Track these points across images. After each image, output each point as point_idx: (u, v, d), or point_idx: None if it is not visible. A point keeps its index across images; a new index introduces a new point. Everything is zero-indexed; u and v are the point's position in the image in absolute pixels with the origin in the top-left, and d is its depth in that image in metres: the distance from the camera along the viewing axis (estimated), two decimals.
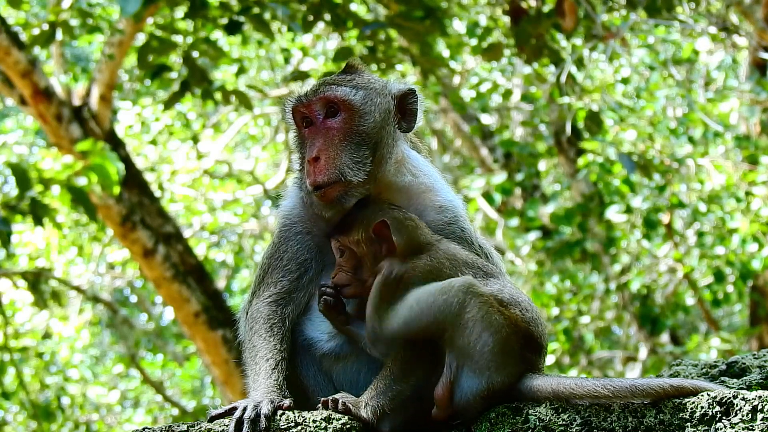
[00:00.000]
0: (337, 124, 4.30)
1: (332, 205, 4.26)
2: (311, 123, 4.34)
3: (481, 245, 4.43)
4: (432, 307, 3.97)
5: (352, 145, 4.28)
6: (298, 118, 4.36)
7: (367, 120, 4.32)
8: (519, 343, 4.00)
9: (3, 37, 11.68)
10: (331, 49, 15.97)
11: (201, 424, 4.01)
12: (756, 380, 4.37)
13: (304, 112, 4.33)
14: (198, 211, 19.28)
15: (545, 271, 15.18)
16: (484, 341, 3.94)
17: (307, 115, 4.33)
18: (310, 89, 4.36)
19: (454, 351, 3.96)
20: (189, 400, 21.26)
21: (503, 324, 3.97)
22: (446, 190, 4.49)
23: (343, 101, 4.30)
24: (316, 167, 4.24)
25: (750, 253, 13.36)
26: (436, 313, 3.96)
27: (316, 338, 4.29)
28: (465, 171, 19.09)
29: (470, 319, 3.95)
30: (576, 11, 10.50)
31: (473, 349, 3.94)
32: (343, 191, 4.25)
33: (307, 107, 4.33)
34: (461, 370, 3.96)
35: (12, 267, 16.23)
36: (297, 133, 4.40)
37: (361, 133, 4.31)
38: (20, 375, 16.20)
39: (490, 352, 3.94)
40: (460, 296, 3.97)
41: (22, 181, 9.65)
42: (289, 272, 4.35)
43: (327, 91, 4.32)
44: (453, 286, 3.99)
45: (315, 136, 4.30)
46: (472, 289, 3.99)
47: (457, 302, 3.96)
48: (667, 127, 13.95)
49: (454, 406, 3.98)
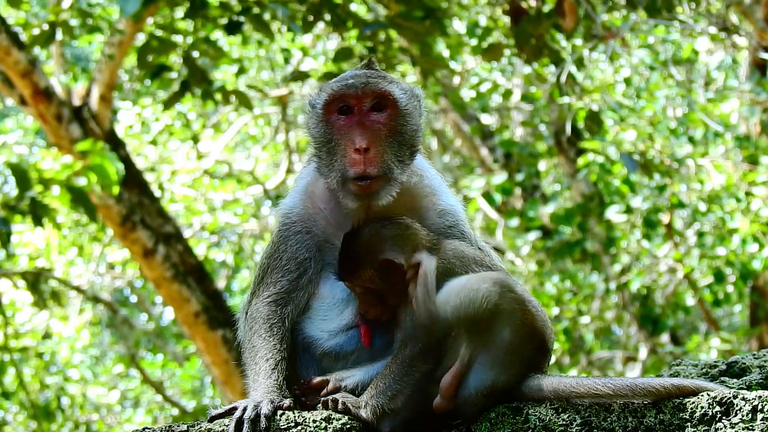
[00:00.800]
0: (383, 119, 4.29)
1: (369, 198, 4.24)
2: (350, 112, 4.29)
3: (481, 248, 4.43)
4: (476, 295, 3.96)
5: (395, 143, 4.29)
6: (335, 104, 4.30)
7: (409, 121, 4.34)
8: (533, 345, 4.00)
9: (3, 37, 11.67)
10: (331, 49, 15.97)
11: (201, 424, 4.01)
12: (756, 380, 4.37)
13: (350, 101, 4.29)
14: (198, 211, 19.28)
15: (545, 271, 15.18)
16: (503, 338, 3.95)
17: (352, 104, 4.29)
18: (359, 80, 4.31)
19: (473, 342, 3.96)
20: (189, 400, 21.25)
21: (525, 323, 3.98)
22: (448, 194, 4.50)
23: (393, 98, 4.30)
24: (367, 158, 4.22)
25: (750, 254, 13.36)
26: (480, 302, 3.96)
27: (316, 337, 4.29)
28: (465, 171, 19.09)
29: (500, 313, 3.96)
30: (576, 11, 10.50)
31: (491, 343, 3.95)
32: (384, 186, 4.24)
33: (357, 97, 4.28)
34: (473, 364, 3.97)
35: (12, 267, 16.23)
36: (326, 120, 4.32)
37: (404, 133, 4.31)
38: (20, 375, 16.20)
39: (504, 350, 3.95)
40: (498, 288, 3.98)
41: (22, 181, 9.65)
42: (288, 272, 4.34)
43: (380, 85, 4.30)
44: (491, 278, 4.01)
45: (358, 127, 4.26)
46: (507, 284, 4.01)
47: (496, 293, 3.96)
48: (667, 127, 13.95)
49: (457, 398, 3.98)
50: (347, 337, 4.26)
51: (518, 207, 16.25)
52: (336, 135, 4.30)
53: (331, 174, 4.28)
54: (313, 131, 4.36)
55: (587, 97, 13.75)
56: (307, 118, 4.42)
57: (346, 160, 4.24)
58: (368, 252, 4.17)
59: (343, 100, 4.29)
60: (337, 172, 4.26)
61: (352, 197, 4.25)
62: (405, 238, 4.19)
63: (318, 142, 4.35)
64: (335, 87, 4.32)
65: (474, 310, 3.96)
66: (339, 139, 4.29)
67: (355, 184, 4.22)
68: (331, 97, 4.31)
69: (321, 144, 4.33)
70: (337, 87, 4.32)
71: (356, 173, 4.21)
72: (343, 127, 4.29)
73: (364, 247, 4.18)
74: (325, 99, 4.32)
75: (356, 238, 4.21)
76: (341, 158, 4.26)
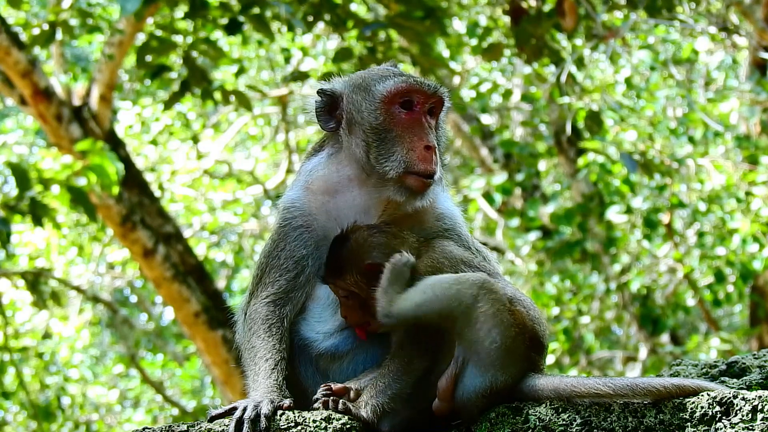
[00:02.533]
0: (434, 124, 4.35)
1: (420, 195, 4.28)
2: (410, 109, 4.32)
3: (478, 250, 4.45)
4: (446, 294, 3.96)
5: (439, 150, 4.36)
6: (400, 97, 4.31)
7: (444, 130, 4.46)
8: (525, 344, 4.00)
9: (3, 37, 11.68)
10: (331, 49, 15.96)
11: (201, 424, 4.01)
12: (756, 380, 4.37)
13: (417, 98, 4.31)
14: (198, 211, 19.28)
15: (545, 271, 15.18)
16: (493, 338, 3.95)
17: (416, 101, 4.31)
18: (427, 81, 4.35)
19: (463, 344, 3.96)
20: (189, 400, 21.25)
21: (512, 323, 3.98)
22: (446, 198, 4.52)
23: (445, 107, 4.40)
24: (435, 157, 4.28)
25: (750, 254, 13.36)
26: (450, 301, 3.95)
27: (312, 338, 4.29)
28: (465, 171, 19.09)
29: (482, 314, 3.95)
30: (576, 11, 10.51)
31: (481, 345, 3.94)
32: (432, 188, 4.32)
33: (426, 96, 4.32)
34: (467, 365, 3.96)
35: (12, 267, 16.24)
36: (386, 109, 4.31)
37: (442, 141, 4.42)
38: (20, 375, 16.20)
39: (497, 350, 3.94)
40: (474, 289, 3.97)
41: (22, 181, 9.65)
42: (286, 271, 4.34)
43: (443, 91, 4.37)
44: (468, 279, 4.00)
45: (422, 126, 4.31)
46: (487, 284, 4.00)
47: (471, 294, 3.96)
48: (667, 127, 13.95)
49: (456, 400, 3.98)
50: (342, 337, 4.26)
51: (518, 207, 16.25)
52: (398, 127, 4.31)
53: (387, 164, 4.28)
54: (368, 116, 4.34)
55: (587, 97, 13.75)
56: (354, 100, 4.37)
57: (415, 155, 4.27)
58: (354, 256, 4.17)
59: (410, 95, 4.32)
60: (400, 163, 4.26)
61: (404, 190, 4.27)
62: (392, 247, 4.19)
63: (372, 128, 4.33)
64: (405, 81, 4.33)
65: (447, 306, 3.95)
66: (402, 132, 4.30)
67: (417, 179, 4.25)
68: (399, 89, 4.32)
69: (375, 131, 4.32)
70: (408, 81, 4.33)
71: (426, 169, 4.25)
72: (405, 121, 4.31)
73: (350, 251, 4.19)
74: (390, 89, 4.33)
75: (344, 242, 4.22)
76: (407, 151, 4.27)
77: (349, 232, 4.23)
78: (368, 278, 4.14)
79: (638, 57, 14.67)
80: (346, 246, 4.20)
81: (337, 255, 4.20)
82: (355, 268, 4.16)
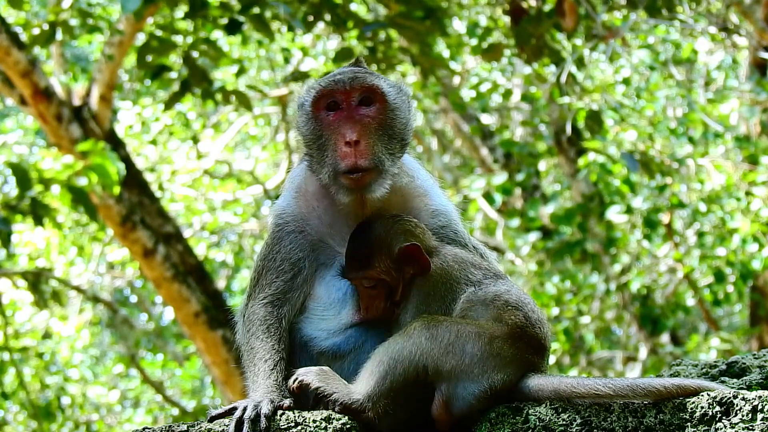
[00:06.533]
0: (372, 113, 4.31)
1: (361, 190, 4.25)
2: (338, 108, 4.31)
3: (475, 246, 4.46)
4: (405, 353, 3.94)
5: (386, 137, 4.31)
6: (323, 101, 4.32)
7: (398, 115, 4.37)
8: (510, 342, 3.99)
9: (3, 37, 11.67)
10: (331, 49, 15.97)
11: (201, 424, 4.01)
12: (756, 380, 4.37)
13: (339, 97, 4.30)
14: (198, 211, 19.28)
15: (545, 271, 15.18)
16: (471, 353, 3.94)
17: (340, 100, 4.30)
18: (346, 75, 4.33)
19: (443, 377, 3.94)
20: (189, 400, 21.25)
21: (477, 331, 3.96)
22: (439, 194, 4.52)
23: (381, 93, 4.32)
24: (357, 150, 4.23)
25: (750, 254, 13.35)
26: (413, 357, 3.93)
27: (314, 336, 4.29)
28: (465, 171, 19.09)
29: (447, 344, 3.94)
30: (576, 11, 10.51)
31: (464, 364, 3.93)
32: (376, 179, 4.26)
33: (345, 92, 4.30)
34: (456, 385, 3.95)
35: (12, 267, 16.23)
36: (315, 117, 4.33)
37: (393, 127, 4.33)
38: (20, 375, 16.19)
39: (480, 359, 3.93)
40: (425, 332, 3.95)
41: (22, 181, 9.65)
42: (282, 273, 4.35)
43: (368, 79, 4.33)
44: (414, 327, 3.97)
45: (347, 121, 4.28)
46: (432, 320, 3.98)
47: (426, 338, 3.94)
48: (667, 127, 13.95)
49: (455, 415, 3.98)
50: (345, 336, 4.26)
51: (518, 207, 16.25)
52: (326, 131, 4.31)
53: (323, 170, 4.30)
54: (303, 129, 4.38)
55: (587, 97, 13.74)
56: (296, 117, 4.43)
57: (337, 154, 4.26)
58: (384, 242, 4.18)
59: (332, 96, 4.32)
60: (329, 167, 4.28)
61: (344, 191, 4.27)
62: (416, 235, 4.22)
63: (308, 139, 4.36)
64: (323, 83, 4.35)
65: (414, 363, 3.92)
66: (329, 134, 4.30)
67: (346, 178, 4.24)
68: (319, 94, 4.33)
69: (311, 141, 4.35)
70: (324, 83, 4.35)
71: (348, 166, 4.23)
72: (332, 122, 4.30)
73: (380, 238, 4.20)
74: (313, 96, 4.35)
75: (369, 231, 4.22)
76: (332, 153, 4.28)
77: (370, 221, 4.25)
78: (399, 263, 4.16)
79: (638, 57, 14.68)
80: (372, 234, 4.21)
81: (363, 245, 4.20)
82: (386, 254, 4.17)
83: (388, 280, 4.18)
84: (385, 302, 4.19)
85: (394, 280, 4.17)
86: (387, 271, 4.18)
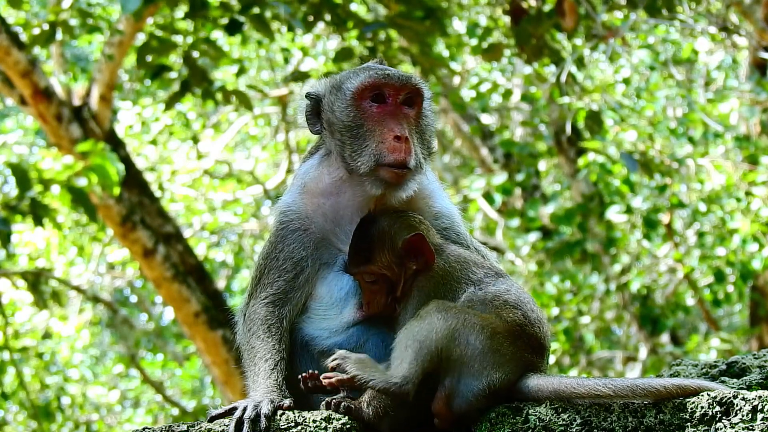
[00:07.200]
0: (413, 114, 4.33)
1: (396, 186, 4.25)
2: (384, 102, 4.31)
3: (476, 248, 4.46)
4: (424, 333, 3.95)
5: (422, 140, 4.35)
6: (369, 91, 4.31)
7: (431, 120, 4.42)
8: (510, 340, 3.99)
9: (3, 37, 11.67)
10: (331, 49, 15.97)
11: (201, 424, 4.01)
12: (756, 380, 4.37)
13: (388, 91, 4.31)
14: (198, 211, 19.28)
15: (545, 271, 15.18)
16: (473, 345, 3.94)
17: (387, 94, 4.30)
18: (397, 73, 4.34)
19: (450, 366, 3.95)
20: (189, 400, 21.25)
21: (481, 324, 3.97)
22: (443, 196, 4.53)
23: (424, 96, 4.37)
24: (406, 147, 4.25)
25: (750, 254, 13.35)
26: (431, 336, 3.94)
27: (316, 335, 4.29)
28: (465, 171, 19.09)
29: (454, 329, 3.94)
30: (576, 11, 10.51)
31: (466, 356, 3.93)
32: (412, 179, 4.29)
33: (395, 88, 4.31)
34: (458, 380, 3.95)
35: (12, 267, 16.23)
36: (357, 105, 4.31)
37: (427, 131, 4.39)
38: (20, 375, 16.19)
39: (481, 354, 3.94)
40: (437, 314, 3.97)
41: (22, 181, 9.65)
42: (285, 272, 4.34)
43: (417, 81, 4.36)
44: (428, 310, 3.99)
45: (395, 117, 4.29)
46: (443, 304, 4.00)
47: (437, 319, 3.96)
48: (667, 127, 13.95)
49: (454, 412, 3.98)
50: (346, 335, 4.26)
51: (518, 207, 16.25)
52: (369, 121, 4.30)
53: (359, 158, 4.28)
54: (341, 115, 4.35)
55: (587, 97, 13.75)
56: (331, 102, 4.38)
57: (384, 146, 4.25)
58: (387, 237, 4.20)
59: (380, 89, 4.32)
60: (371, 156, 4.26)
61: (379, 183, 4.26)
62: (420, 230, 4.22)
63: (345, 126, 4.33)
64: (373, 75, 4.33)
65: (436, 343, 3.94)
66: (373, 125, 4.30)
67: (390, 171, 4.24)
68: (367, 84, 4.32)
69: (348, 128, 4.33)
70: (375, 75, 4.33)
71: (396, 160, 4.23)
72: (377, 114, 4.30)
73: (383, 232, 4.21)
74: (359, 84, 4.33)
75: (373, 225, 4.23)
76: (377, 144, 4.26)
77: (376, 216, 4.25)
78: (402, 257, 4.16)
79: (638, 57, 14.67)
80: (376, 228, 4.21)
81: (366, 239, 4.21)
82: (389, 249, 4.17)
83: (390, 275, 4.18)
84: (387, 298, 4.19)
85: (395, 276, 4.18)
86: (389, 266, 4.18)
